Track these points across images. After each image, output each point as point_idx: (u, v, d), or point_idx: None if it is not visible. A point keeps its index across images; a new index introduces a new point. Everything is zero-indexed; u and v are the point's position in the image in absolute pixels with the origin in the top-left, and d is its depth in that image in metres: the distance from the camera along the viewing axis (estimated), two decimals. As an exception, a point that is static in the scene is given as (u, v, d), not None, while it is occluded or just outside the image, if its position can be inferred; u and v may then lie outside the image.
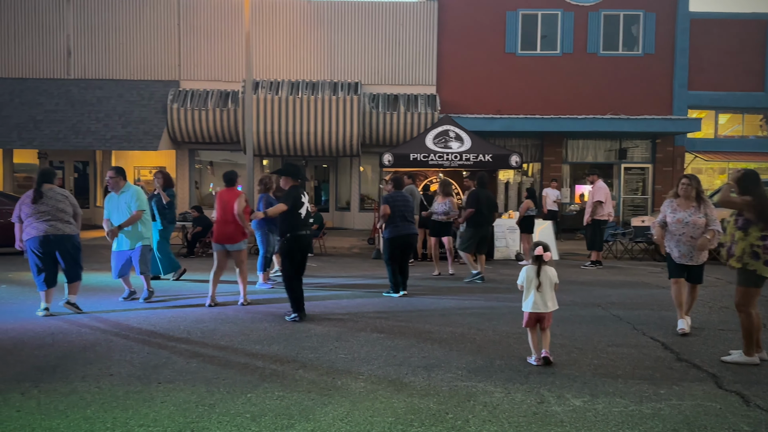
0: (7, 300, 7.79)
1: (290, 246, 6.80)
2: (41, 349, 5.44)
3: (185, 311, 7.22)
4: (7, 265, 11.02)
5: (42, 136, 17.87)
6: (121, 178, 7.69)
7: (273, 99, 18.05)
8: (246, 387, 4.53)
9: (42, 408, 4.02)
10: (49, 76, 19.19)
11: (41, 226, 6.72)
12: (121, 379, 4.64)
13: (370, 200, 20.03)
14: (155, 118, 18.51)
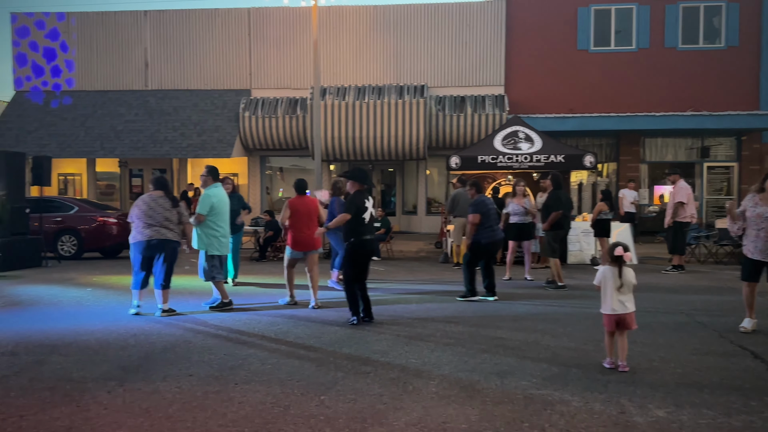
0: (93, 303, 8.25)
1: (354, 250, 6.88)
2: (125, 349, 5.73)
3: (259, 314, 7.42)
4: (92, 270, 11.69)
5: (123, 146, 18.88)
6: (210, 177, 7.95)
7: (340, 105, 18.32)
8: (319, 389, 4.60)
9: (127, 406, 4.23)
10: (129, 87, 20.27)
11: (147, 231, 7.15)
12: (200, 380, 4.81)
13: (437, 203, 19.96)
14: (228, 126, 19.19)
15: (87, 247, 13.70)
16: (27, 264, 11.85)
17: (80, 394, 4.44)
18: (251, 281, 10.13)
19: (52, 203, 14.04)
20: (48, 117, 19.83)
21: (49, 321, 7.00)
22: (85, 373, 4.95)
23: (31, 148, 18.06)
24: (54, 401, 4.30)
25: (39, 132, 19.44)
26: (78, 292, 9.02)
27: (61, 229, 13.65)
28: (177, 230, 7.38)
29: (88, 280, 10.25)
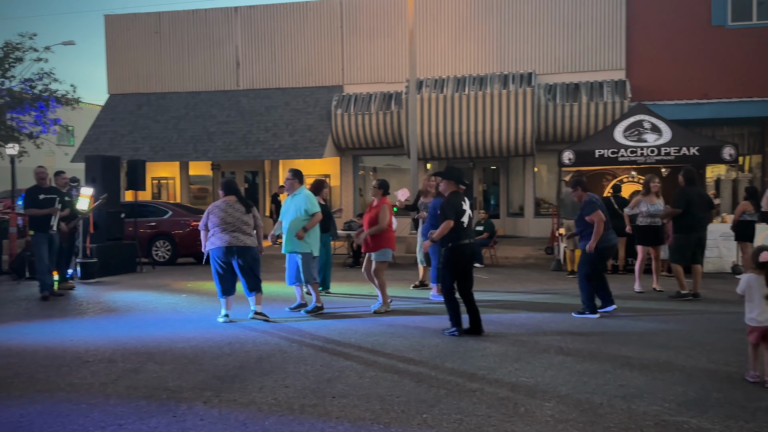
0: (188, 309, 8.73)
1: (452, 256, 6.88)
2: (220, 358, 6.00)
3: (355, 323, 7.54)
4: (186, 276, 12.37)
5: (215, 148, 19.89)
6: (297, 180, 8.25)
7: (438, 98, 18.30)
8: (421, 407, 4.60)
9: (223, 418, 4.42)
10: (220, 88, 21.33)
11: (225, 237, 7.49)
12: (296, 392, 4.95)
13: (547, 204, 19.43)
14: (320, 126, 19.71)
15: (180, 253, 14.52)
16: (122, 269, 12.74)
17: (176, 404, 4.70)
18: (345, 288, 10.32)
19: (146, 208, 15.02)
20: (141, 120, 21.28)
21: (144, 328, 7.47)
22: (181, 383, 5.23)
23: (125, 151, 19.45)
24: (150, 410, 4.58)
25: (132, 135, 20.90)
26: (173, 299, 9.58)
27: (155, 234, 14.57)
28: (253, 234, 7.70)
29: (182, 286, 10.85)
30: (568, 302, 8.63)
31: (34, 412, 4.54)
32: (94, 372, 5.56)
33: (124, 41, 21.99)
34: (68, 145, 33.13)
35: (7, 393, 4.99)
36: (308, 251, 8.10)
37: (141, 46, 21.85)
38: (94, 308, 8.94)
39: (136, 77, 21.93)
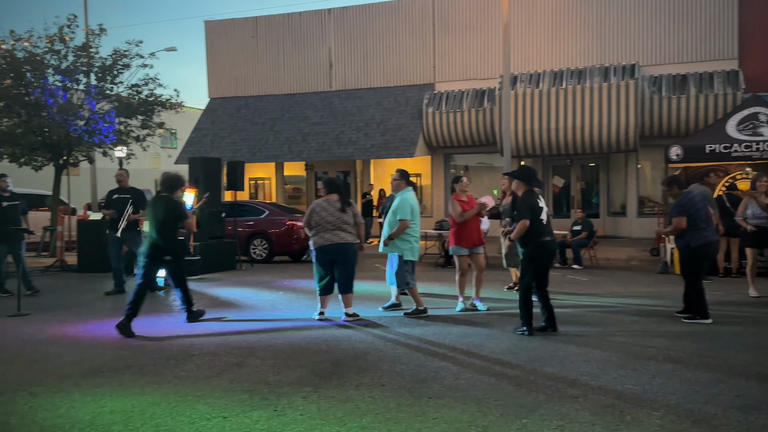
0: (286, 306, 9.00)
1: (533, 255, 6.88)
2: (317, 354, 6.15)
3: (448, 324, 7.52)
4: (282, 273, 12.76)
5: (309, 149, 20.41)
6: (403, 181, 8.30)
7: (533, 93, 17.93)
8: (520, 411, 4.52)
9: (322, 413, 4.53)
10: (314, 89, 21.85)
11: (326, 236, 7.67)
12: (392, 391, 5.00)
13: (652, 203, 18.59)
14: (411, 124, 19.79)
15: (277, 251, 15.01)
16: (223, 267, 13.31)
17: (277, 399, 4.85)
18: (437, 288, 10.30)
19: (244, 207, 15.62)
20: (239, 122, 22.15)
21: (245, 323, 7.77)
22: (281, 377, 5.40)
23: (225, 153, 20.30)
24: (253, 404, 4.75)
25: (232, 137, 21.79)
26: (271, 296, 9.91)
27: (253, 233, 15.13)
28: (354, 232, 7.80)
29: (279, 284, 11.20)
30: (677, 306, 8.21)
31: (144, 402, 4.82)
32: (199, 365, 5.83)
33: (223, 46, 22.97)
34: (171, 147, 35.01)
35: (119, 383, 5.32)
36: (399, 254, 8.11)
37: (239, 51, 22.74)
38: (198, 304, 9.37)
39: (234, 81, 22.85)
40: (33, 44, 15.85)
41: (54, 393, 5.05)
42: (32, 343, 6.78)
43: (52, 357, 6.20)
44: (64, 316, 8.36)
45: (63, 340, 6.94)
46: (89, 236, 13.30)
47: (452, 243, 8.46)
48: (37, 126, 15.23)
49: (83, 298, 9.88)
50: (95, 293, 10.40)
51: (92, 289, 10.87)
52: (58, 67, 15.96)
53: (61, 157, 16.27)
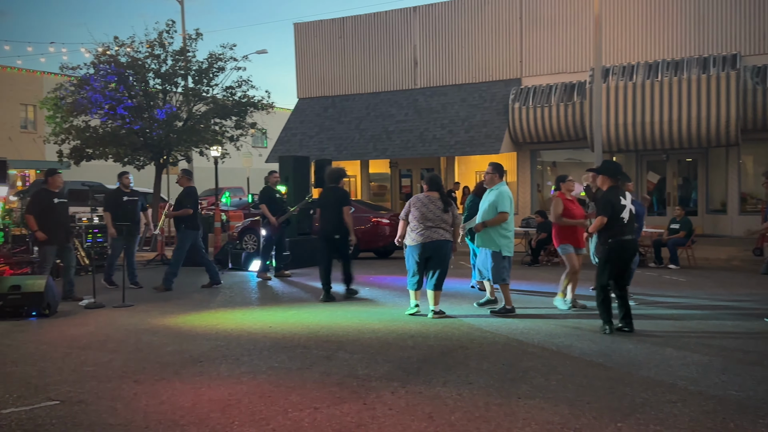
0: (371, 302, 9.09)
1: (611, 253, 6.76)
2: (404, 350, 6.17)
3: (537, 323, 7.36)
4: (368, 269, 12.88)
5: (393, 146, 20.50)
6: (497, 174, 8.19)
7: (626, 86, 17.26)
8: (615, 414, 4.36)
9: (410, 409, 4.53)
10: (399, 87, 21.92)
11: (424, 232, 7.65)
12: (480, 389, 4.94)
13: (754, 200, 17.48)
14: (497, 120, 19.50)
15: (362, 247, 15.15)
16: (311, 263, 13.55)
17: (366, 392, 4.90)
18: (524, 286, 10.11)
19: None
20: (327, 121, 22.54)
21: (334, 317, 7.90)
22: (370, 371, 5.45)
23: (313, 151, 20.72)
24: (343, 396, 4.82)
25: (319, 136, 22.21)
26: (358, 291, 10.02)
27: (339, 230, 15.34)
28: (450, 231, 7.75)
29: (365, 280, 11.32)
30: (784, 310, 7.69)
31: (240, 392, 4.99)
32: (291, 357, 5.98)
33: (311, 47, 23.44)
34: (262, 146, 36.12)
35: (217, 373, 5.53)
36: (496, 250, 8.01)
37: (326, 51, 23.14)
38: (289, 298, 9.64)
39: (321, 81, 23.28)
40: (135, 49, 16.74)
41: (156, 381, 5.31)
42: (136, 333, 7.16)
43: (154, 347, 6.52)
44: (164, 307, 8.78)
45: (164, 331, 7.28)
46: (187, 232, 13.92)
47: (557, 243, 8.26)
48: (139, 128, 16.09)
49: (181, 291, 10.34)
50: (192, 286, 10.87)
51: (189, 282, 11.36)
52: (158, 71, 16.78)
53: (161, 157, 17.09)
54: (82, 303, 8.94)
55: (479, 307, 8.32)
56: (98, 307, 8.76)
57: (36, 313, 8.04)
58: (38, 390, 5.07)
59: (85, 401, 4.80)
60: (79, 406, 4.69)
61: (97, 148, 16.30)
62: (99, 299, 9.02)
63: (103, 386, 5.16)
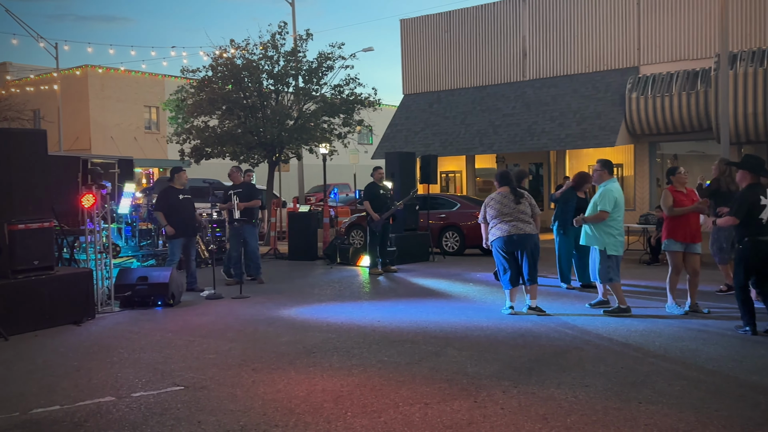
0: (477, 299, 9.01)
1: (746, 252, 6.49)
2: (515, 349, 6.07)
3: (657, 324, 7.01)
4: (474, 266, 12.77)
5: (500, 141, 20.18)
6: (605, 171, 7.94)
7: (755, 72, 16.03)
8: (747, 424, 4.09)
9: (523, 409, 4.45)
10: (506, 80, 21.54)
11: (504, 227, 7.62)
12: (597, 392, 4.77)
13: None
14: (612, 112, 18.72)
15: (468, 244, 15.04)
16: (417, 258, 13.65)
17: (477, 390, 4.86)
18: (641, 286, 9.64)
19: (436, 200, 15.87)
20: (432, 117, 22.54)
21: (441, 314, 7.90)
22: (479, 369, 5.41)
23: (418, 147, 20.79)
24: (453, 393, 4.81)
25: (425, 132, 22.26)
26: (464, 288, 9.98)
27: (445, 226, 15.32)
28: (532, 222, 7.68)
29: (471, 277, 11.23)
30: None
31: (352, 383, 5.10)
32: (400, 352, 6.04)
33: (417, 42, 23.52)
34: (368, 143, 36.71)
35: (329, 364, 5.68)
36: (601, 248, 7.73)
37: (432, 46, 23.13)
38: (396, 292, 9.74)
39: (427, 76, 23.30)
40: (249, 51, 17.47)
41: (272, 370, 5.53)
42: (253, 324, 7.50)
43: (270, 337, 6.80)
44: (279, 299, 9.13)
45: (278, 322, 7.57)
46: (298, 227, 14.42)
47: (665, 237, 7.85)
48: (253, 126, 16.78)
49: (294, 284, 10.70)
50: (304, 279, 11.23)
51: (302, 275, 11.74)
52: (271, 71, 17.43)
53: (274, 155, 17.75)
54: (203, 294, 9.47)
55: (592, 308, 8.04)
56: (218, 297, 9.25)
57: (161, 303, 8.60)
58: (164, 375, 5.42)
59: (207, 387, 5.08)
60: (202, 391, 4.97)
61: (216, 147, 17.14)
62: (218, 290, 9.51)
63: (224, 373, 5.44)
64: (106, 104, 32.04)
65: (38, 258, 7.40)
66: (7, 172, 7.18)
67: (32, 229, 7.32)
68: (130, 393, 4.96)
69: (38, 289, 7.32)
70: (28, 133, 8.05)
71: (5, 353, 6.26)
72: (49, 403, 4.73)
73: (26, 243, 7.26)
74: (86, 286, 7.82)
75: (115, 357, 6.06)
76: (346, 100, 18.08)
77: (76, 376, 5.44)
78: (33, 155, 7.41)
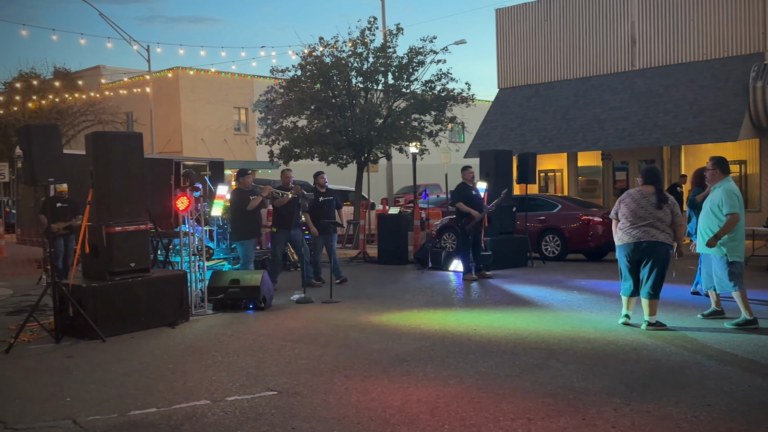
0: (583, 308, 8.75)
1: None
2: (626, 363, 5.86)
3: (790, 341, 6.58)
4: (577, 272, 12.43)
5: (606, 136, 19.56)
6: (717, 170, 7.50)
7: None
8: None
9: (637, 429, 4.29)
10: (613, 70, 20.86)
11: (634, 232, 7.21)
12: (721, 413, 4.53)
13: None
14: (734, 102, 17.75)
15: (570, 248, 14.68)
16: (514, 263, 13.44)
17: (585, 407, 4.73)
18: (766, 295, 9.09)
19: (535, 201, 15.57)
20: (529, 112, 22.16)
21: (542, 323, 7.75)
22: (587, 384, 5.26)
23: (515, 145, 20.51)
24: (558, 409, 4.70)
25: (521, 128, 21.91)
26: (567, 296, 9.73)
27: (544, 229, 15.00)
28: (669, 232, 7.17)
29: (575, 284, 10.94)
30: None
31: (448, 395, 5.09)
32: (498, 363, 5.97)
33: (514, 33, 23.21)
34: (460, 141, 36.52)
35: (424, 374, 5.69)
36: (720, 255, 7.32)
37: (530, 36, 22.76)
38: (492, 300, 9.64)
39: (524, 69, 22.95)
40: (338, 49, 17.82)
41: (365, 377, 5.61)
42: (343, 329, 7.63)
43: (362, 343, 6.90)
44: (369, 304, 9.24)
45: (370, 328, 7.67)
46: (387, 229, 14.55)
47: None
48: (342, 126, 17.10)
49: (384, 289, 10.81)
50: (395, 284, 11.32)
51: (392, 280, 11.84)
52: (360, 69, 17.70)
53: (363, 155, 18.01)
54: (293, 298, 9.73)
55: (704, 319, 7.64)
56: (308, 302, 9.48)
57: (253, 306, 8.91)
58: (257, 380, 5.61)
59: (300, 393, 5.22)
60: (295, 397, 5.11)
61: (304, 148, 17.60)
62: (308, 294, 9.75)
63: (316, 379, 5.57)
64: (196, 106, 33.59)
65: (135, 260, 7.86)
66: (106, 175, 7.67)
67: (129, 231, 7.78)
68: (225, 397, 5.17)
69: (134, 291, 7.77)
70: (126, 137, 8.55)
71: (103, 355, 6.68)
72: (145, 405, 5.01)
73: (123, 245, 7.73)
74: (181, 288, 8.22)
75: (209, 360, 6.34)
76: (437, 96, 18.09)
77: (172, 379, 5.73)
78: (130, 158, 7.88)
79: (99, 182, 7.67)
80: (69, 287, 7.44)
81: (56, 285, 7.43)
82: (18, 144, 10.05)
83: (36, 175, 7.29)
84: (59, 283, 7.46)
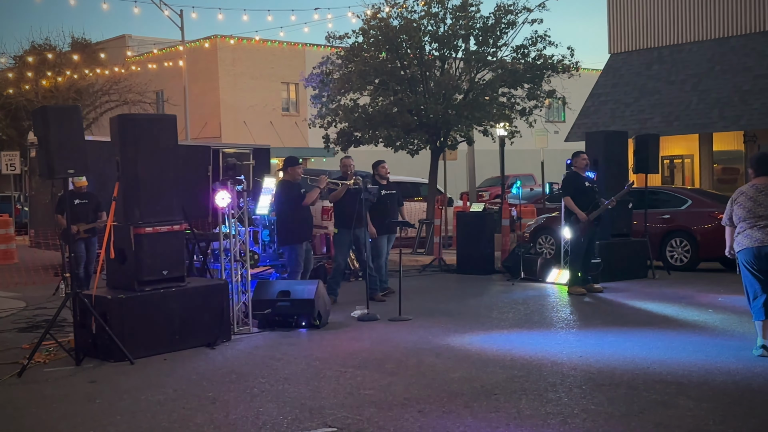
0: (720, 331, 8.54)
1: None
2: (778, 402, 5.70)
3: None
4: (713, 286, 12.11)
5: (750, 112, 18.97)
6: None
7: None
8: None
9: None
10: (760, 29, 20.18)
11: (757, 235, 7.06)
12: None
13: None
14: None
15: (703, 255, 14.26)
16: (630, 274, 13.17)
17: (723, 456, 4.62)
18: None
19: (657, 195, 15.23)
20: (650, 83, 21.70)
21: (668, 350, 7.60)
22: (727, 428, 5.15)
23: (630, 124, 20.14)
24: (689, 458, 4.61)
25: (639, 103, 21.48)
26: (699, 316, 9.51)
27: (669, 230, 14.64)
28: None
29: (710, 300, 10.66)
30: None
31: (548, 436, 5.06)
32: (611, 399, 5.89)
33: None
34: (559, 121, 36.04)
35: (516, 411, 5.67)
36: None
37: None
38: (603, 319, 9.49)
39: (643, 28, 22.53)
40: (408, 9, 17.83)
41: (445, 413, 5.63)
42: (416, 353, 7.67)
43: (439, 371, 6.91)
44: (447, 324, 9.25)
45: (448, 353, 7.68)
46: (468, 231, 14.50)
47: None
48: (413, 104, 17.10)
49: (466, 305, 10.80)
50: (478, 299, 11.30)
51: (475, 293, 11.82)
52: (435, 33, 17.66)
53: (438, 139, 17.98)
54: (355, 314, 9.83)
55: None
56: (372, 319, 9.56)
57: (305, 324, 9.05)
58: (313, 413, 5.70)
59: (364, 430, 5.27)
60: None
61: (367, 131, 17.68)
62: (372, 310, 9.82)
63: (384, 414, 5.62)
64: (237, 82, 34.24)
65: (167, 267, 8.09)
66: (134, 166, 7.88)
67: (161, 232, 8.00)
68: (274, 433, 5.28)
69: (168, 304, 8.00)
70: (157, 120, 8.79)
71: (131, 380, 6.91)
72: (182, 441, 5.17)
73: (154, 249, 7.95)
74: (221, 301, 8.42)
75: (256, 388, 6.48)
76: (532, 65, 17.89)
77: (212, 410, 5.88)
78: (162, 146, 8.09)
79: (126, 174, 7.89)
80: (91, 299, 7.72)
81: (76, 296, 7.72)
82: (32, 129, 10.43)
83: (54, 166, 7.55)
84: (80, 294, 7.74)
